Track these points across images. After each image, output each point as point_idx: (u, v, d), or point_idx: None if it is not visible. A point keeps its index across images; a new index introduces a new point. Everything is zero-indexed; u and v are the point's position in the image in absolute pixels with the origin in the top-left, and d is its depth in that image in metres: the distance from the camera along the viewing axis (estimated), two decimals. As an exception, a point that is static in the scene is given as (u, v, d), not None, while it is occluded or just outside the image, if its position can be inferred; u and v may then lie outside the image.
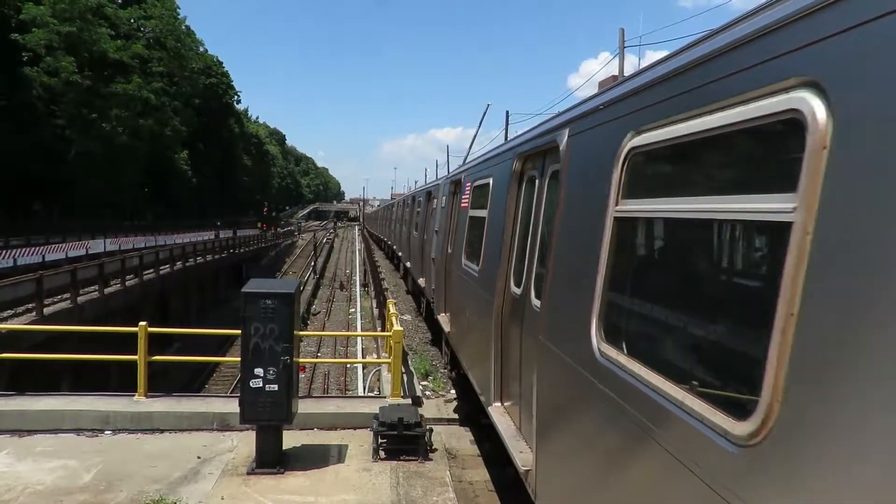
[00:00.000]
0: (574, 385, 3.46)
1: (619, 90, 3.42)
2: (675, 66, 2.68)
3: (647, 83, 2.99)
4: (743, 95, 2.10)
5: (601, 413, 3.09)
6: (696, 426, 2.14)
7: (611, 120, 3.38)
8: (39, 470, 6.48)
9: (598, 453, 3.21)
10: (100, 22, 51.80)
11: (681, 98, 2.54)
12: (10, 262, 27.18)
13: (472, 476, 7.18)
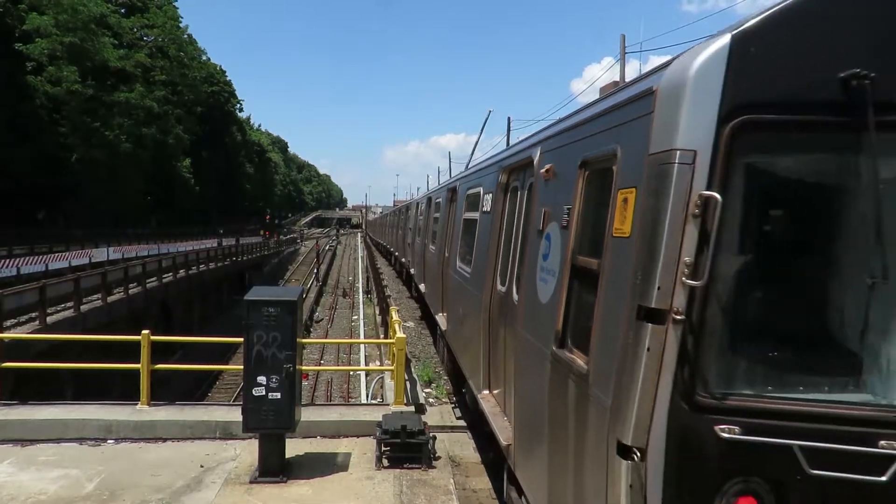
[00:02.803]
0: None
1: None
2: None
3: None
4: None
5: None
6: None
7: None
8: (42, 479, 6.46)
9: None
10: (103, 31, 52.06)
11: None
12: (14, 271, 27.22)
13: (475, 484, 7.14)
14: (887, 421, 2.56)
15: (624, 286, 2.91)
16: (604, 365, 3.04)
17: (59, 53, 46.99)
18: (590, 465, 3.11)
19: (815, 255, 2.85)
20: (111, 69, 52.69)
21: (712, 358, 2.69)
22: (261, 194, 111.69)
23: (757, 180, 2.70)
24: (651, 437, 2.65)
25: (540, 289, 4.39)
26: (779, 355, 2.74)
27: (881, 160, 2.50)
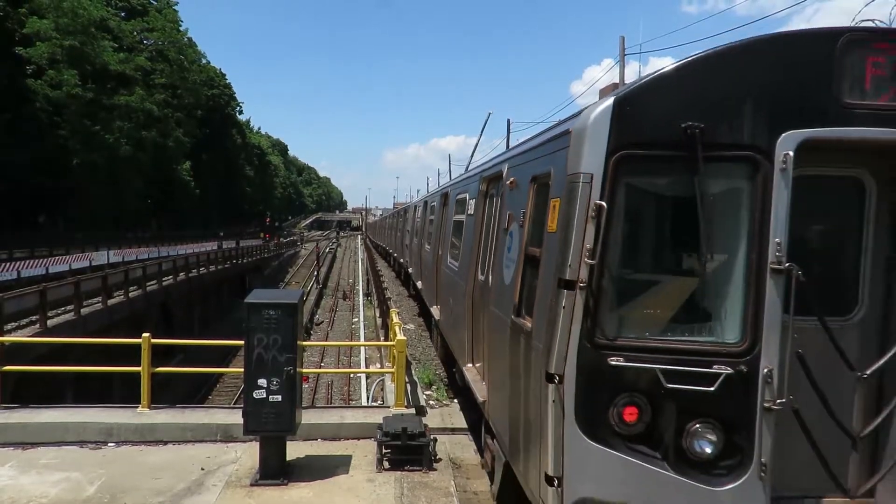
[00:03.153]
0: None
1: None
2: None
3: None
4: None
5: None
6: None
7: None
8: (43, 483, 6.46)
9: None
10: (103, 35, 52.14)
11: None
12: (14, 275, 27.23)
13: (476, 486, 7.14)
14: (718, 352, 3.85)
15: (553, 267, 4.15)
16: (540, 323, 4.30)
17: (60, 57, 47.07)
18: (532, 393, 4.39)
19: (670, 242, 4.24)
20: (111, 73, 52.78)
21: (605, 312, 3.91)
22: (261, 197, 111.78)
23: (632, 193, 3.95)
24: (566, 367, 3.89)
25: (505, 274, 5.73)
26: (649, 310, 4.08)
27: (707, 179, 3.80)
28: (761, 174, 3.81)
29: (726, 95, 3.86)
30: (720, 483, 3.83)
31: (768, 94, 3.85)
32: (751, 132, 3.84)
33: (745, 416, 3.83)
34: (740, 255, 3.91)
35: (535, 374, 4.29)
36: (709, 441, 3.85)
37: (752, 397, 3.81)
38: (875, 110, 3.85)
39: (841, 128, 3.83)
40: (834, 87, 3.84)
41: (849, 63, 3.84)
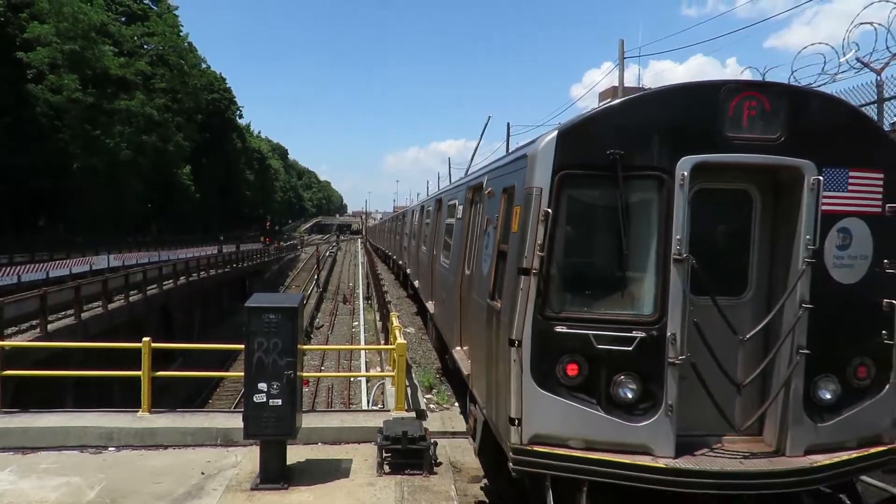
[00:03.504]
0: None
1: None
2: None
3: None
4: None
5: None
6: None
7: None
8: (43, 487, 6.47)
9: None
10: (103, 40, 52.22)
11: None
12: (15, 279, 27.23)
13: (477, 490, 7.14)
14: (636, 321, 5.05)
15: (515, 258, 5.38)
16: (506, 302, 5.50)
17: (60, 62, 47.11)
18: (500, 357, 5.54)
19: (599, 238, 5.40)
20: (111, 77, 52.80)
21: (552, 292, 5.11)
22: (261, 201, 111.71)
23: (571, 202, 5.17)
24: (524, 334, 5.06)
25: (483, 267, 6.91)
26: (585, 290, 5.31)
27: (626, 192, 5.04)
28: (665, 188, 5.05)
29: (639, 130, 5.12)
30: (638, 420, 5.03)
31: (670, 129, 5.10)
32: (657, 157, 5.08)
33: (656, 369, 5.04)
34: (651, 249, 5.13)
35: (502, 342, 5.45)
36: (630, 389, 5.05)
37: (661, 355, 5.01)
38: (749, 141, 5.09)
39: (724, 154, 5.10)
40: (718, 123, 5.08)
41: (729, 106, 5.08)
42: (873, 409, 5.32)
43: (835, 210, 5.21)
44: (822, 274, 5.15)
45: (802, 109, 5.20)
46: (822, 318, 5.08)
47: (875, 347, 5.26)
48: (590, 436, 5.04)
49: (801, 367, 5.08)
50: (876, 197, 5.28)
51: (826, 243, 5.18)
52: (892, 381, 5.35)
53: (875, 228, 5.27)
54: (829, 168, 5.15)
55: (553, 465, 5.02)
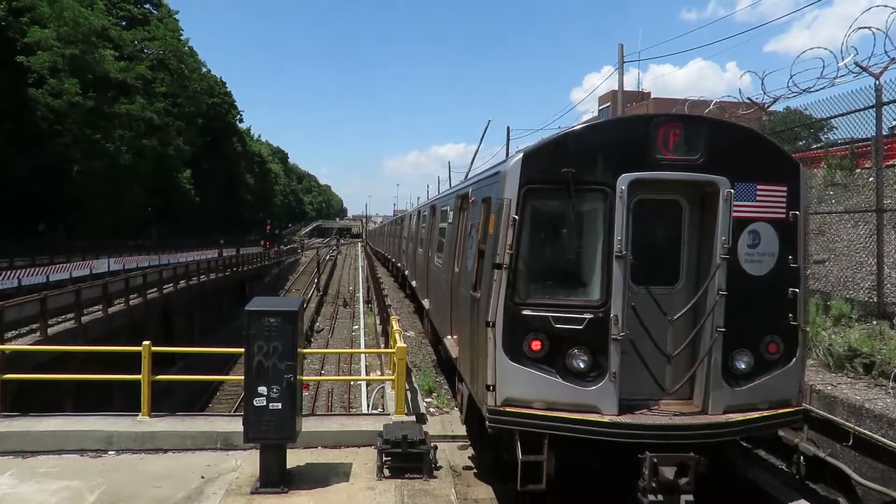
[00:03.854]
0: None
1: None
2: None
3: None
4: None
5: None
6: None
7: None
8: (43, 491, 6.46)
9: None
10: (104, 44, 52.35)
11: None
12: (15, 283, 27.24)
13: (477, 493, 7.13)
14: (586, 306, 6.18)
15: (490, 256, 6.41)
16: (484, 292, 6.55)
17: (61, 66, 47.22)
18: (479, 337, 6.63)
19: (556, 239, 6.44)
20: (112, 81, 52.97)
21: (519, 284, 6.22)
22: (261, 205, 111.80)
23: (534, 211, 6.28)
24: (497, 317, 6.16)
25: (468, 264, 7.96)
26: (545, 281, 6.40)
27: (577, 203, 6.21)
28: (608, 199, 6.17)
29: (588, 153, 6.26)
30: (589, 385, 6.15)
31: (611, 152, 6.25)
32: (602, 175, 6.20)
33: (602, 344, 6.12)
34: (598, 247, 6.25)
35: (480, 324, 6.54)
36: (581, 360, 6.16)
37: (605, 332, 6.10)
38: (675, 161, 6.23)
39: (655, 172, 6.22)
40: (650, 148, 6.20)
41: (658, 133, 6.22)
42: (782, 377, 6.47)
43: (746, 216, 6.37)
44: (736, 267, 6.30)
45: (717, 136, 6.41)
46: (736, 303, 6.23)
47: (783, 327, 6.43)
48: (550, 398, 6.20)
49: (719, 343, 6.25)
50: (780, 205, 6.46)
51: (739, 243, 6.35)
52: (798, 355, 6.52)
53: (780, 231, 6.43)
54: (741, 182, 6.33)
55: (521, 422, 6.17)
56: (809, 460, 7.67)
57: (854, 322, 9.84)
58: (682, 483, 5.80)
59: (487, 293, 6.36)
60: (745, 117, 16.83)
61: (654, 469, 5.83)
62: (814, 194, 13.77)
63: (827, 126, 14.20)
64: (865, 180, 12.01)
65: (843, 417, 7.23)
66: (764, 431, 6.65)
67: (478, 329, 6.71)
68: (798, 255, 6.49)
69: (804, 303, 6.58)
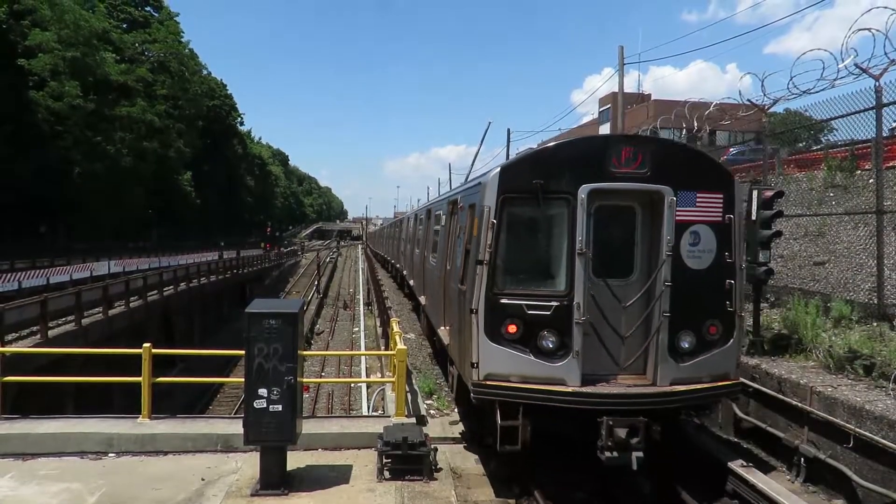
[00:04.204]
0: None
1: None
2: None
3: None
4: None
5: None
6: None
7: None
8: (43, 494, 6.46)
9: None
10: (105, 46, 52.39)
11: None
12: (15, 286, 27.24)
13: (477, 496, 7.13)
14: (553, 295, 7.21)
15: (475, 254, 7.50)
16: (469, 285, 7.61)
17: (62, 68, 47.24)
18: (465, 323, 7.67)
19: (528, 240, 7.50)
20: (113, 84, 52.98)
21: (498, 277, 7.22)
22: (261, 207, 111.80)
23: (510, 216, 7.31)
24: (479, 305, 7.16)
25: (457, 262, 8.95)
26: (519, 275, 7.37)
27: (546, 209, 7.29)
28: (571, 206, 7.25)
29: (554, 167, 7.37)
30: (556, 362, 7.19)
31: (574, 166, 7.36)
32: (566, 185, 7.28)
33: (567, 327, 7.18)
34: (563, 246, 7.32)
35: (466, 312, 7.60)
36: (550, 341, 7.21)
37: (570, 317, 7.16)
38: (627, 174, 7.35)
39: (609, 183, 7.34)
40: (606, 162, 7.34)
41: (612, 151, 7.37)
42: (721, 355, 7.58)
43: (687, 219, 7.46)
44: (679, 262, 7.41)
45: (663, 153, 7.56)
46: (680, 292, 7.32)
47: (722, 313, 7.55)
48: (524, 373, 7.24)
49: (665, 325, 7.30)
50: (717, 210, 7.56)
51: (681, 242, 7.44)
52: (734, 336, 7.62)
53: (717, 232, 7.54)
54: (683, 191, 7.43)
55: (500, 393, 7.21)
56: (810, 462, 7.67)
57: (854, 324, 9.84)
58: (634, 442, 6.90)
59: (472, 285, 7.47)
60: (745, 118, 16.85)
61: (610, 430, 6.94)
62: (814, 196, 13.78)
63: (827, 128, 14.21)
64: (865, 182, 12.02)
65: (843, 419, 7.22)
66: (705, 401, 7.80)
67: (464, 316, 7.78)
68: (733, 252, 7.60)
69: (740, 293, 7.68)
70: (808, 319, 9.89)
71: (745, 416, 9.18)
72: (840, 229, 12.20)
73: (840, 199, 12.97)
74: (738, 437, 9.36)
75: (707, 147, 23.43)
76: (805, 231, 13.55)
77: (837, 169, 13.87)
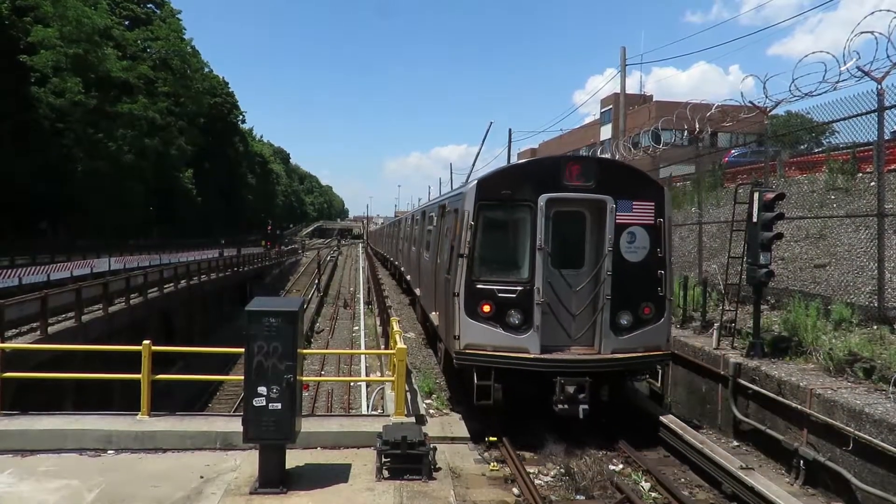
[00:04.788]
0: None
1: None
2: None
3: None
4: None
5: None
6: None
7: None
8: (41, 490, 6.46)
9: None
10: (107, 43, 52.35)
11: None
12: (16, 282, 27.23)
13: (476, 496, 7.12)
14: (518, 281, 9.22)
15: (458, 249, 9.38)
16: (453, 274, 9.49)
17: (64, 65, 47.22)
18: (449, 304, 9.59)
19: (499, 238, 9.51)
20: (114, 81, 52.94)
21: (475, 267, 9.22)
22: (262, 205, 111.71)
23: (484, 219, 9.32)
24: (461, 289, 9.18)
25: (444, 256, 10.83)
26: (492, 266, 9.36)
27: (513, 214, 9.41)
28: (532, 211, 9.09)
29: (520, 180, 9.33)
30: (520, 334, 9.05)
31: (535, 179, 9.25)
32: (529, 194, 9.13)
33: (529, 307, 9.06)
34: (527, 243, 9.18)
35: (450, 296, 9.48)
36: (516, 317, 9.05)
37: (531, 299, 9.05)
38: (576, 186, 9.25)
39: (564, 193, 9.20)
40: (560, 177, 9.23)
41: (565, 169, 9.30)
42: (654, 331, 9.47)
43: (625, 222, 9.35)
44: (619, 257, 9.29)
45: (605, 170, 9.61)
46: (620, 280, 9.22)
47: (654, 297, 9.43)
48: (496, 343, 9.10)
49: (608, 306, 9.21)
50: (650, 215, 9.45)
51: (621, 240, 9.31)
52: (665, 316, 9.49)
53: (650, 232, 9.43)
54: (621, 200, 9.31)
55: (476, 359, 9.12)
56: (809, 464, 7.66)
57: (854, 326, 9.82)
58: (580, 397, 8.82)
59: (455, 274, 9.38)
60: (747, 120, 16.83)
61: (562, 388, 8.81)
62: (815, 198, 13.77)
63: (829, 130, 14.19)
64: (867, 185, 12.00)
65: (842, 422, 7.21)
66: (640, 367, 9.73)
67: (449, 299, 9.67)
68: (663, 248, 9.46)
69: (669, 281, 9.63)
70: (808, 322, 9.89)
71: (744, 419, 9.18)
72: (841, 232, 12.19)
73: (841, 201, 12.96)
74: (737, 440, 9.36)
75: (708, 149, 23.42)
76: (806, 233, 13.54)
77: (839, 172, 13.85)
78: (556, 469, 8.32)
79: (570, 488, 7.74)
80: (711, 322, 11.68)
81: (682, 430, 8.90)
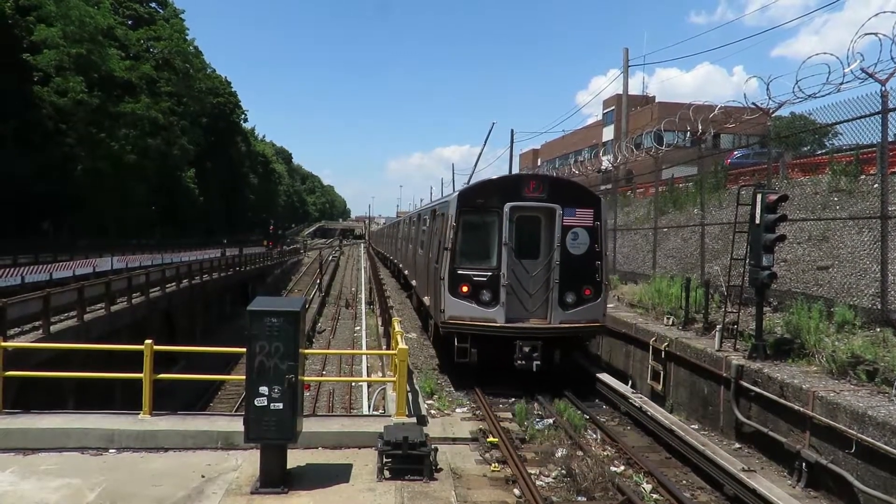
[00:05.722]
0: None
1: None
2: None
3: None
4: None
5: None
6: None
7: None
8: (43, 489, 6.47)
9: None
10: (110, 43, 52.42)
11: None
12: (18, 280, 27.26)
13: (477, 496, 7.12)
14: (489, 269, 12.59)
15: (445, 244, 12.93)
16: (440, 263, 13.05)
17: (67, 64, 47.29)
18: (438, 287, 13.15)
19: (475, 237, 12.89)
20: (117, 80, 53.02)
21: (457, 258, 12.68)
22: (264, 205, 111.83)
23: (464, 222, 12.83)
24: (445, 275, 12.65)
25: (434, 251, 14.24)
26: (471, 257, 12.78)
27: (485, 218, 12.80)
28: (500, 215, 12.40)
29: (491, 191, 12.83)
30: (490, 309, 12.35)
31: (502, 191, 12.65)
32: (497, 203, 12.48)
33: (497, 288, 12.36)
34: (496, 240, 12.45)
35: (438, 280, 12.82)
36: (487, 295, 12.38)
37: (498, 282, 12.35)
38: (532, 196, 12.61)
39: (522, 202, 12.54)
40: (521, 189, 12.65)
41: (524, 183, 12.90)
42: (593, 308, 12.62)
43: (570, 224, 12.49)
44: (565, 250, 12.41)
45: (554, 184, 12.96)
46: (566, 268, 12.36)
47: (593, 281, 12.59)
48: (472, 315, 12.28)
49: (556, 288, 12.36)
50: (589, 218, 12.61)
51: (566, 238, 12.46)
52: (601, 296, 12.69)
53: (589, 232, 12.57)
54: (567, 207, 12.47)
55: (457, 327, 12.30)
56: (811, 467, 7.64)
57: (857, 329, 9.80)
58: (534, 356, 11.99)
59: (442, 263, 12.72)
60: (750, 122, 16.79)
61: (520, 349, 11.99)
62: (818, 200, 13.74)
63: (832, 132, 14.15)
64: (870, 187, 11.97)
65: (845, 424, 7.19)
66: (580, 333, 12.97)
67: (437, 283, 13.00)
68: (600, 245, 12.65)
69: (605, 269, 12.82)
70: (810, 324, 9.86)
71: (746, 421, 9.16)
72: (844, 234, 12.16)
73: (844, 203, 12.93)
74: (739, 442, 9.34)
75: (711, 150, 23.39)
76: (809, 235, 13.51)
77: (842, 173, 13.82)
78: (557, 470, 8.29)
79: (571, 489, 7.75)
80: (714, 324, 11.65)
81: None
